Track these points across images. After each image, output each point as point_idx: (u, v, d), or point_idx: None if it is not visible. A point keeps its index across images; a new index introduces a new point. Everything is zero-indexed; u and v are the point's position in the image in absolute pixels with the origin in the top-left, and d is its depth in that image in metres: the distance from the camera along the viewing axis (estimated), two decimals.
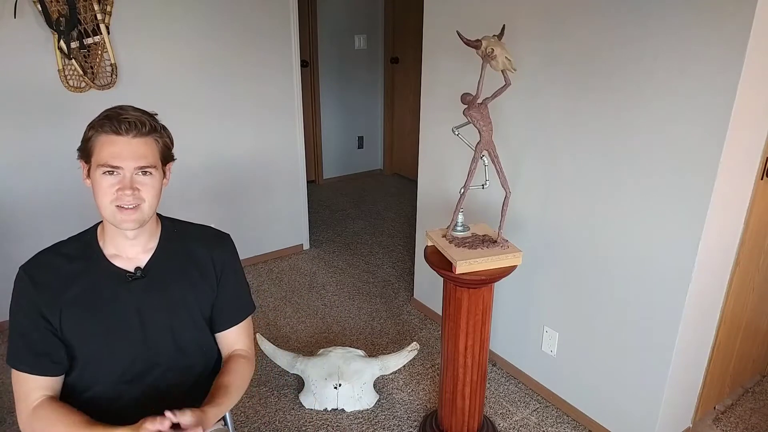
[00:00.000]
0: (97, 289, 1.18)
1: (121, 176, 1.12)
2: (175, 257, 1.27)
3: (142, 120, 1.13)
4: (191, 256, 1.28)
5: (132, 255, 1.22)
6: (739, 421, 2.17)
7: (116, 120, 1.11)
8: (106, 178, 1.12)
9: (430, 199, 2.69)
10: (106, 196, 1.13)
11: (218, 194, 3.20)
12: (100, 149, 1.12)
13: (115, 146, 1.11)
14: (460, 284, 1.72)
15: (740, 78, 1.47)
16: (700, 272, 1.72)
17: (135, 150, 1.12)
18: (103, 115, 1.13)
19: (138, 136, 1.12)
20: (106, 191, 1.13)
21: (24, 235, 2.63)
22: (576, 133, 1.93)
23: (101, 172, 1.12)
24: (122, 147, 1.11)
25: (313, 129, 4.68)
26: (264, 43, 3.10)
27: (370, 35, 4.78)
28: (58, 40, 2.45)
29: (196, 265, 1.28)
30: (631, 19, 1.68)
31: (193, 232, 1.33)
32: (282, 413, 2.22)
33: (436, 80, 2.49)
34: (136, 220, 1.15)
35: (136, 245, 1.22)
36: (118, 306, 1.19)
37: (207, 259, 1.30)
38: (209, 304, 1.31)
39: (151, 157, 1.15)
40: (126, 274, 1.20)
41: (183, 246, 1.28)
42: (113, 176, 1.12)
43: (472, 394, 1.89)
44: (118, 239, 1.20)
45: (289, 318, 2.86)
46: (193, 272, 1.27)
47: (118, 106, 1.15)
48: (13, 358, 1.16)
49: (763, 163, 1.75)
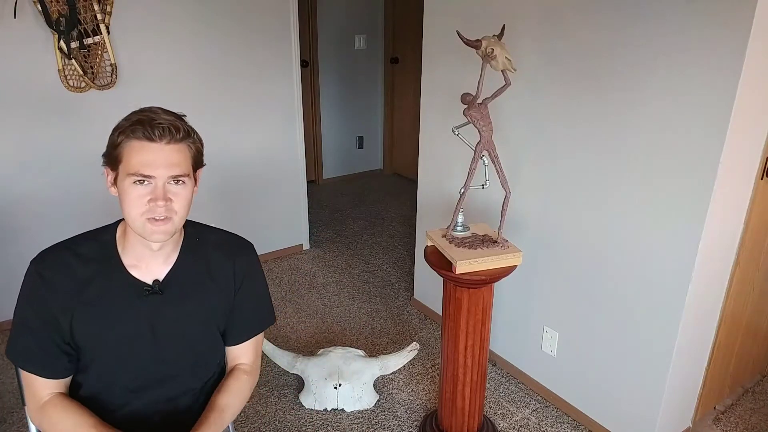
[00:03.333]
0: (112, 297, 1.13)
1: (153, 186, 1.05)
2: (194, 269, 1.21)
3: (176, 125, 1.06)
4: (211, 266, 1.22)
5: (152, 267, 1.16)
6: (739, 421, 2.17)
7: (149, 125, 1.03)
8: (136, 188, 1.05)
9: (430, 199, 2.69)
10: (136, 208, 1.06)
11: (218, 194, 3.20)
12: (130, 156, 1.04)
13: (147, 154, 1.03)
14: (460, 284, 1.72)
15: (740, 78, 1.47)
16: (700, 272, 1.72)
17: (168, 157, 1.05)
18: (134, 119, 1.05)
19: (172, 142, 1.05)
20: (136, 202, 1.05)
21: (24, 235, 2.63)
22: (576, 132, 1.93)
23: (131, 182, 1.04)
24: (155, 154, 1.04)
25: (313, 129, 4.68)
26: (264, 43, 3.10)
27: (370, 35, 4.78)
28: (58, 40, 2.45)
29: (215, 276, 1.22)
30: (632, 19, 1.68)
31: (215, 240, 1.26)
32: (282, 413, 2.22)
33: (436, 80, 2.49)
34: (167, 231, 1.09)
35: (158, 257, 1.16)
36: (131, 318, 1.15)
37: (227, 269, 1.24)
38: (225, 316, 1.26)
39: (184, 164, 1.08)
40: (143, 287, 1.15)
41: (203, 256, 1.22)
42: (144, 186, 1.05)
43: (472, 394, 1.89)
44: (139, 249, 1.14)
45: (289, 318, 2.86)
46: (211, 285, 1.22)
47: (149, 109, 1.07)
48: (21, 357, 1.13)
49: (763, 163, 1.75)
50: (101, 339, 1.14)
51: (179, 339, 1.20)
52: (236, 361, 1.30)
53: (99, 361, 1.16)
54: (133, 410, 1.20)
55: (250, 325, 1.29)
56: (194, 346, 1.23)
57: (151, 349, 1.18)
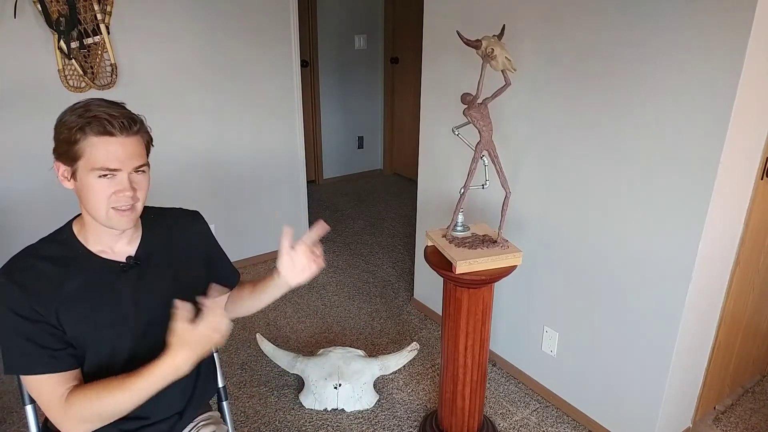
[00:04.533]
0: (92, 283, 1.16)
1: (118, 179, 1.09)
2: (161, 243, 1.27)
3: (130, 117, 1.10)
4: (174, 240, 1.29)
5: (118, 249, 1.20)
6: (739, 421, 2.17)
7: (107, 121, 1.06)
8: (101, 181, 1.08)
9: (430, 199, 2.69)
10: (101, 201, 1.09)
11: (218, 194, 3.20)
12: (93, 152, 1.06)
13: (109, 148, 1.07)
14: (460, 284, 1.72)
15: (740, 78, 1.47)
16: (700, 272, 1.72)
17: (131, 149, 1.09)
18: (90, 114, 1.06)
19: (130, 134, 1.09)
20: (101, 195, 1.09)
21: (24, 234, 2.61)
22: (576, 132, 1.93)
23: (96, 176, 1.08)
24: (117, 148, 1.07)
25: (313, 129, 4.68)
26: (264, 43, 3.10)
27: (370, 35, 4.78)
28: (58, 40, 2.45)
29: (182, 247, 1.30)
30: (632, 19, 1.68)
31: (168, 217, 1.33)
32: (282, 413, 2.22)
33: (436, 80, 2.49)
34: (132, 219, 1.14)
35: (123, 238, 1.20)
36: (115, 298, 1.18)
37: (188, 238, 1.32)
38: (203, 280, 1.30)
39: (143, 153, 1.13)
40: (119, 265, 1.19)
41: (164, 230, 1.29)
42: (109, 179, 1.08)
43: (472, 394, 1.89)
44: (103, 236, 1.17)
45: (289, 318, 2.86)
46: (180, 255, 1.29)
47: (94, 103, 1.09)
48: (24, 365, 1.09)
49: (763, 163, 1.75)
50: (91, 325, 1.15)
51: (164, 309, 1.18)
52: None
53: (93, 346, 1.16)
54: None
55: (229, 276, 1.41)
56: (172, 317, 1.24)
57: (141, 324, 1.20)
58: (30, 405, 1.26)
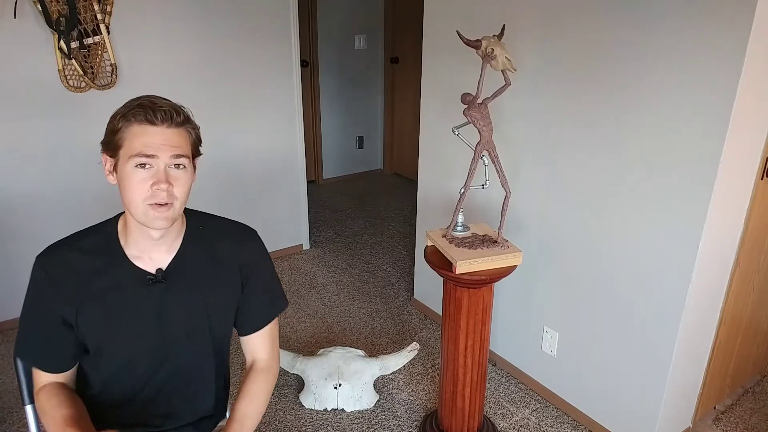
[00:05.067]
0: (118, 290, 1.14)
1: (155, 169, 1.06)
2: (199, 258, 1.21)
3: (176, 109, 1.08)
4: (216, 256, 1.22)
5: (155, 256, 1.16)
6: (739, 421, 2.17)
7: (150, 108, 1.05)
8: (138, 171, 1.05)
9: (430, 199, 2.69)
10: (138, 193, 1.06)
11: (218, 194, 3.20)
12: (133, 140, 1.05)
13: (149, 136, 1.05)
14: (460, 284, 1.72)
15: (740, 78, 1.47)
16: (700, 272, 1.72)
17: (170, 139, 1.06)
18: (135, 104, 1.06)
19: (173, 125, 1.07)
20: (138, 187, 1.06)
21: (25, 234, 2.62)
22: (576, 133, 1.93)
23: (134, 165, 1.05)
24: (157, 136, 1.05)
25: (313, 129, 4.68)
26: (264, 43, 3.10)
27: (370, 35, 4.78)
28: (58, 40, 2.45)
29: (221, 266, 1.22)
30: (632, 19, 1.68)
31: (219, 229, 1.26)
32: (282, 413, 2.22)
33: (436, 80, 2.49)
34: (168, 218, 1.09)
35: (161, 245, 1.16)
36: (137, 309, 1.15)
37: (233, 259, 1.23)
38: (233, 306, 1.25)
39: (185, 147, 1.09)
40: (147, 276, 1.15)
41: (208, 245, 1.22)
42: (146, 170, 1.05)
43: (472, 394, 1.89)
44: (141, 241, 1.14)
45: (289, 318, 2.86)
46: (216, 274, 1.22)
47: (149, 96, 1.10)
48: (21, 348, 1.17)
49: (763, 163, 1.75)
50: (109, 331, 1.15)
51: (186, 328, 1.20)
52: (253, 354, 1.31)
53: (109, 353, 1.17)
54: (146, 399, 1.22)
55: (262, 312, 1.29)
56: (201, 334, 1.22)
57: (160, 339, 1.18)
58: (30, 405, 1.26)
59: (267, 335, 1.31)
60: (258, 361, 1.31)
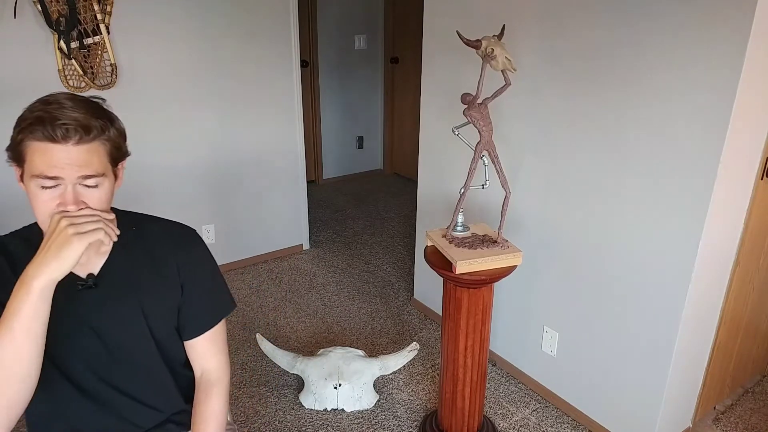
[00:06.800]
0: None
1: (63, 188, 0.94)
2: (133, 260, 1.11)
3: (85, 125, 0.93)
4: (151, 258, 1.13)
5: (83, 260, 1.02)
6: (739, 421, 2.17)
7: (50, 124, 0.90)
8: (42, 192, 0.94)
9: (430, 199, 2.69)
10: (45, 213, 0.95)
11: (218, 194, 3.20)
12: (33, 157, 0.92)
13: (50, 155, 0.91)
14: (460, 284, 1.72)
15: (740, 78, 1.47)
16: (700, 272, 1.72)
17: (76, 159, 0.93)
18: (35, 114, 0.92)
19: (80, 143, 0.93)
20: (43, 207, 0.95)
21: None
22: (576, 132, 1.93)
23: (37, 185, 0.93)
24: (60, 156, 0.92)
25: (313, 129, 4.68)
26: (264, 43, 3.10)
27: (370, 35, 4.78)
28: (58, 40, 2.45)
29: (157, 268, 1.13)
30: (632, 19, 1.68)
31: (154, 230, 1.16)
32: (282, 413, 2.22)
33: (436, 80, 2.49)
34: None
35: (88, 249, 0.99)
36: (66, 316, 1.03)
37: (170, 261, 1.14)
38: (174, 311, 1.16)
39: (97, 164, 0.95)
40: (77, 281, 1.05)
41: (143, 247, 1.13)
42: (51, 190, 0.94)
43: (472, 394, 1.89)
44: None
45: (289, 318, 2.86)
46: (152, 277, 1.12)
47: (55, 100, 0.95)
48: None
49: (763, 163, 1.75)
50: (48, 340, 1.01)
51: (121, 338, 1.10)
52: (200, 363, 1.21)
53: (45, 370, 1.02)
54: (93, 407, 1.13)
55: (203, 315, 1.19)
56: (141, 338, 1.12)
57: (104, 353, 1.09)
58: None
59: (211, 340, 1.21)
60: (206, 372, 1.21)
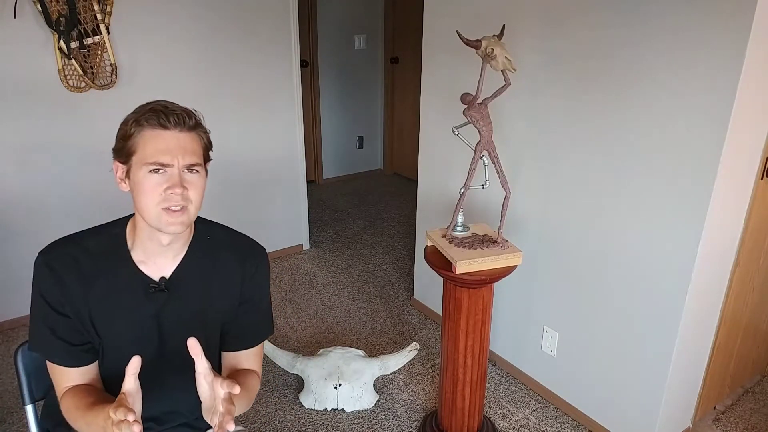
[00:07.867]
0: (119, 293, 1.13)
1: (169, 174, 1.04)
2: (202, 269, 1.19)
3: (188, 112, 1.07)
4: (218, 268, 1.20)
5: (160, 262, 1.15)
6: (739, 421, 2.17)
7: (163, 113, 1.03)
8: (152, 177, 1.04)
9: (430, 199, 2.69)
10: (152, 198, 1.04)
11: (218, 194, 3.19)
12: (146, 145, 1.03)
13: (162, 141, 1.03)
14: (460, 284, 1.72)
15: (740, 78, 1.47)
16: (700, 272, 1.72)
17: (183, 145, 1.05)
18: (147, 108, 1.05)
19: (185, 130, 1.05)
20: (151, 192, 1.04)
21: (24, 234, 2.62)
22: (576, 132, 1.93)
23: (147, 171, 1.03)
24: (170, 142, 1.03)
25: (313, 129, 4.68)
26: (264, 43, 3.10)
27: (370, 35, 4.78)
28: (58, 40, 2.45)
29: (222, 279, 1.21)
30: (632, 19, 1.68)
31: (226, 240, 1.24)
32: (282, 413, 2.22)
33: (436, 80, 2.49)
34: (183, 222, 1.07)
35: (167, 252, 1.14)
36: (138, 315, 1.14)
37: (235, 274, 1.22)
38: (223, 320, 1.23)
39: (198, 152, 1.08)
40: (150, 284, 1.14)
41: (212, 256, 1.20)
42: (160, 175, 1.04)
43: (472, 394, 1.89)
44: (149, 245, 1.12)
45: (289, 318, 2.86)
46: (216, 286, 1.20)
47: (159, 101, 1.08)
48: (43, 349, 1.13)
49: (763, 163, 1.75)
50: (110, 333, 1.14)
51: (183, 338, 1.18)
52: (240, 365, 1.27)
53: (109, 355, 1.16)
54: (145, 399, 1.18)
55: (251, 335, 1.27)
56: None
57: (157, 347, 1.17)
58: (30, 405, 1.26)
59: (256, 353, 1.28)
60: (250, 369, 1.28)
